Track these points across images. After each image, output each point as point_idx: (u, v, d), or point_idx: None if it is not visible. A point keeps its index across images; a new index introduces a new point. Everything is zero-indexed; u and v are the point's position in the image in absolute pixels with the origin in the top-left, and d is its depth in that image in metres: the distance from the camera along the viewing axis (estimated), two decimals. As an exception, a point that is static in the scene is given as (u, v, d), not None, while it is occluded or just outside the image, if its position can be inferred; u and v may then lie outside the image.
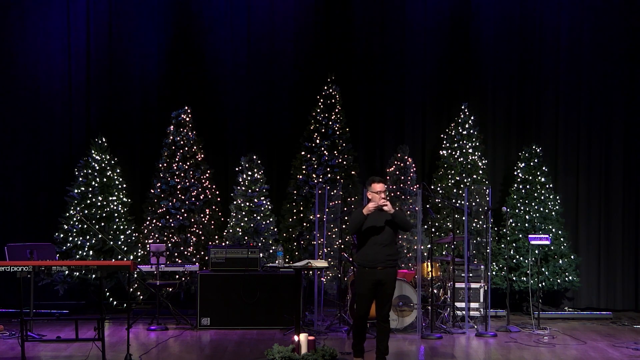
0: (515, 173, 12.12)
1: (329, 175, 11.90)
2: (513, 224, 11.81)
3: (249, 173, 11.82)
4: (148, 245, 11.01)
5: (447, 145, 12.21)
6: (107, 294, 11.61)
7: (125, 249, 11.45)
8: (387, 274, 7.82)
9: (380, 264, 7.78)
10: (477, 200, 11.68)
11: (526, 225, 11.76)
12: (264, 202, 11.81)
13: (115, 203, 11.69)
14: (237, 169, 12.03)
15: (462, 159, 12.02)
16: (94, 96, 12.49)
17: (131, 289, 11.38)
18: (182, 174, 11.74)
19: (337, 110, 12.17)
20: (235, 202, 11.83)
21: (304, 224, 11.87)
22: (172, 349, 9.05)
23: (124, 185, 12.00)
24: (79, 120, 12.46)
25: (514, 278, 11.63)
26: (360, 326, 8.01)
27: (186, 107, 11.94)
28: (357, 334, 8.05)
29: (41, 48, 12.40)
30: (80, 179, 11.63)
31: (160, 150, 11.93)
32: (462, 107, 12.23)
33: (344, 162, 12.03)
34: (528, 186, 11.96)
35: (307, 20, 12.73)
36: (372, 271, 7.79)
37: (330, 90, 12.18)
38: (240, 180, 11.85)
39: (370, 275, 7.79)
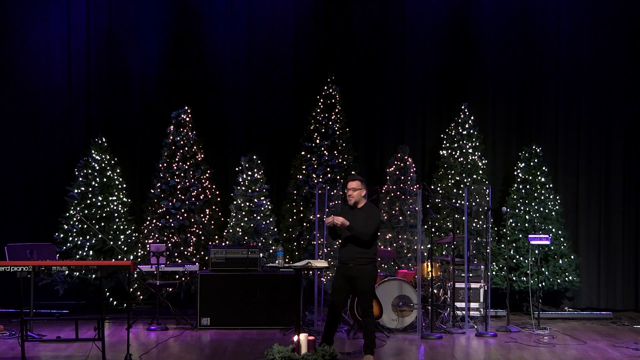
0: (515, 173, 12.12)
1: (329, 175, 11.90)
2: (513, 224, 11.80)
3: (249, 173, 11.82)
4: (148, 245, 11.01)
5: (447, 145, 12.20)
6: (107, 294, 11.61)
7: (125, 249, 11.45)
8: (359, 271, 8.14)
9: (351, 261, 8.15)
10: (477, 200, 11.68)
11: (526, 225, 11.75)
12: (264, 202, 11.81)
13: (115, 203, 11.69)
14: (237, 169, 12.03)
15: (462, 159, 12.01)
16: (94, 96, 12.49)
17: (131, 289, 11.38)
18: (182, 174, 11.74)
19: (337, 110, 12.16)
20: (235, 202, 11.83)
21: (304, 224, 11.88)
22: (172, 349, 9.05)
23: (124, 185, 12.00)
24: (79, 120, 12.46)
25: (514, 278, 11.63)
26: (331, 314, 8.34)
27: (186, 107, 11.94)
28: (327, 321, 8.40)
29: (41, 48, 12.39)
30: (80, 179, 11.63)
31: (160, 150, 11.93)
32: (462, 107, 12.23)
33: (344, 162, 12.02)
34: (528, 186, 11.96)
35: (307, 20, 12.73)
36: (344, 267, 8.23)
37: (330, 90, 12.17)
38: (240, 180, 11.85)
39: (343, 270, 8.25)
